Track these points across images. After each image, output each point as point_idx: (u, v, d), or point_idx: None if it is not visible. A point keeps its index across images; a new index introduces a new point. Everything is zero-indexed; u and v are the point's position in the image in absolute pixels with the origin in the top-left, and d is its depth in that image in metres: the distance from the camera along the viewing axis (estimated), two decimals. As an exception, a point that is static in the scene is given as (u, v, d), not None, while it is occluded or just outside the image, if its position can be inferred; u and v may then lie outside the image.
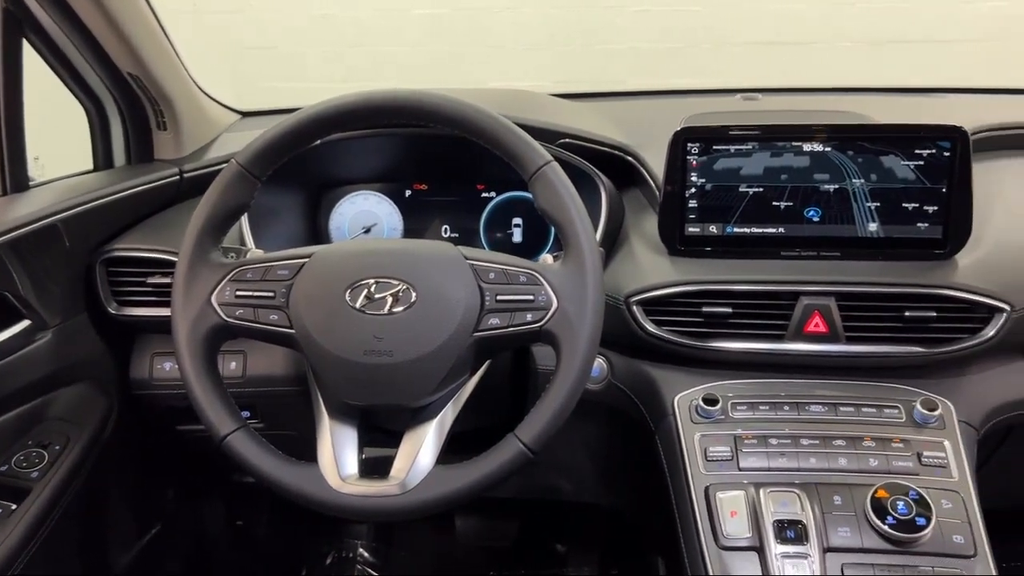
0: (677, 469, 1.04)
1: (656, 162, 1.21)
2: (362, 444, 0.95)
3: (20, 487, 1.07)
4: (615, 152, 1.30)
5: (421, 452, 0.91)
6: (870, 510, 0.93)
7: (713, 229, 1.15)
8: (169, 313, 0.95)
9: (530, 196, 0.93)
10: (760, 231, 1.14)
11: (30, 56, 1.22)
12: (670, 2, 3.21)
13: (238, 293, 0.94)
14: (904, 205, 1.10)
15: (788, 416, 1.06)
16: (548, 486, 1.55)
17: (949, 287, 1.06)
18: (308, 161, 1.27)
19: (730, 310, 1.08)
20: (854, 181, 1.11)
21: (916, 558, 0.91)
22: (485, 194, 1.38)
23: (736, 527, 0.95)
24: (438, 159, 1.35)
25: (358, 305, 0.90)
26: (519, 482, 1.48)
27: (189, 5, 3.23)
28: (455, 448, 0.94)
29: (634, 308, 1.11)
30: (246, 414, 0.99)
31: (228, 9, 3.32)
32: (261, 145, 0.96)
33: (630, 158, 1.29)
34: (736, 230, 1.14)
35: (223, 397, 0.94)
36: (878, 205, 1.11)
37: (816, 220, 1.12)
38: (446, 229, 1.39)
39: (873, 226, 1.11)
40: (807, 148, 1.11)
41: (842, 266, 1.11)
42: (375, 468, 0.94)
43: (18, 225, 1.09)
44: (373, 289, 0.91)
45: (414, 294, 0.90)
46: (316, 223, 1.40)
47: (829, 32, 3.18)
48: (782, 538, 0.92)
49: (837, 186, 1.11)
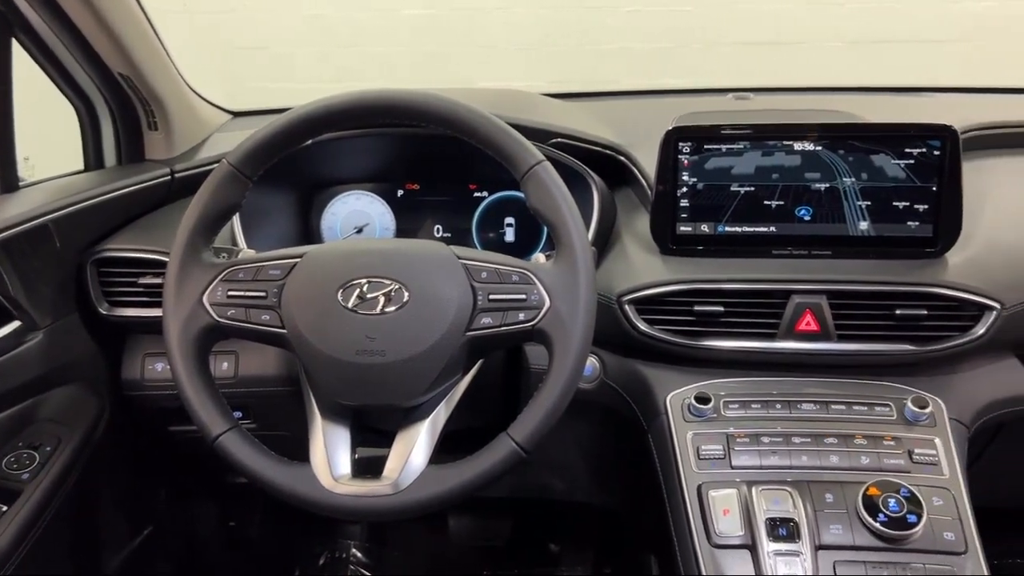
0: (670, 468, 1.04)
1: (648, 161, 1.22)
2: (355, 444, 0.95)
3: (11, 489, 1.06)
4: (607, 152, 1.30)
5: (414, 452, 0.91)
6: (862, 508, 0.93)
7: (705, 228, 1.15)
8: (160, 313, 0.95)
9: (522, 196, 0.93)
10: (751, 230, 1.14)
11: (20, 56, 1.21)
12: (662, 2, 3.21)
13: (230, 293, 0.94)
14: (895, 204, 1.11)
15: (780, 414, 1.06)
16: (541, 485, 1.55)
17: (940, 285, 1.07)
18: (300, 161, 1.27)
19: (722, 309, 1.09)
20: (845, 180, 1.11)
21: (907, 555, 0.91)
22: (477, 194, 1.38)
23: (728, 525, 0.95)
24: (430, 159, 1.35)
25: (350, 305, 0.90)
26: (512, 481, 1.49)
27: (179, 5, 3.22)
28: (448, 448, 0.94)
29: (626, 307, 1.11)
30: (238, 414, 0.99)
31: (219, 9, 3.31)
32: (252, 145, 0.95)
33: (622, 157, 1.29)
34: (728, 229, 1.15)
35: (215, 397, 0.93)
36: (869, 204, 1.11)
37: (807, 219, 1.13)
38: (438, 229, 1.39)
39: (864, 225, 1.12)
40: (798, 147, 1.11)
41: (833, 265, 1.11)
42: (368, 468, 0.94)
43: (8, 225, 1.09)
44: (365, 289, 0.91)
45: (406, 294, 0.90)
46: (308, 223, 1.40)
47: (820, 32, 3.19)
48: (774, 536, 0.93)
49: (828, 185, 1.11)
